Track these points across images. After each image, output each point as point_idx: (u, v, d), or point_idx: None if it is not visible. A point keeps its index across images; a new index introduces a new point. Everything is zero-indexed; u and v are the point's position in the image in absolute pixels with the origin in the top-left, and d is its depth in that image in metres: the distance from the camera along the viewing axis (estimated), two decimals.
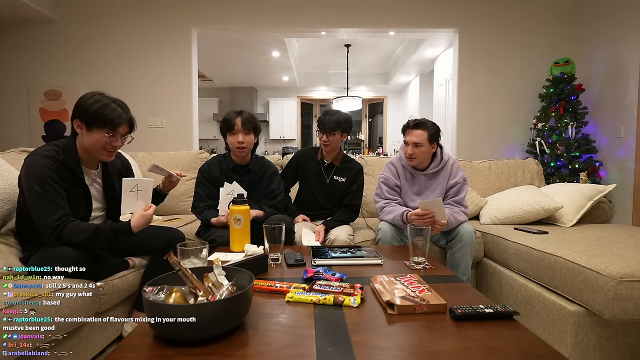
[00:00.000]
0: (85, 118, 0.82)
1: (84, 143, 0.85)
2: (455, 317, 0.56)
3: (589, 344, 0.84)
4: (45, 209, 0.77)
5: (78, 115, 0.82)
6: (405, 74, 4.53)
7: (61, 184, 0.80)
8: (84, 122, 0.82)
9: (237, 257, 0.89)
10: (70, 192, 0.84)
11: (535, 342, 0.50)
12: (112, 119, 0.82)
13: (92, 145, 0.84)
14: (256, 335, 0.52)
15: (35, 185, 0.77)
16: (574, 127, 2.18)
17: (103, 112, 0.81)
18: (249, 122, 1.15)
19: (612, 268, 0.79)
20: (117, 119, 0.83)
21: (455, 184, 1.22)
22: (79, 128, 0.83)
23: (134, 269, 1.00)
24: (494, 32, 2.51)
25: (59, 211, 0.78)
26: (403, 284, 0.66)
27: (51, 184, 0.78)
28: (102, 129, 0.82)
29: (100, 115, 0.81)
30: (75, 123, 0.83)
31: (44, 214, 0.77)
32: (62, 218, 0.78)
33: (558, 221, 1.36)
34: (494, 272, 1.23)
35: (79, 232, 0.78)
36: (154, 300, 0.51)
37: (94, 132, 0.82)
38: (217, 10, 2.50)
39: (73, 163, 0.84)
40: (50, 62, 2.51)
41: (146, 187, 0.93)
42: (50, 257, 0.74)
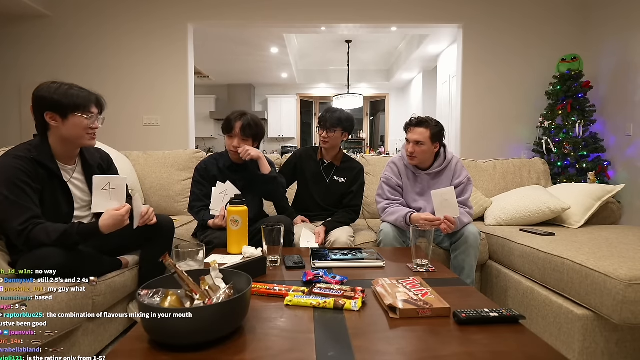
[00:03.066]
0: (57, 107, 0.79)
1: (63, 133, 0.82)
2: (460, 322, 0.55)
3: (597, 349, 0.82)
4: (12, 213, 0.74)
5: (47, 107, 0.79)
6: (407, 71, 4.48)
7: (32, 186, 0.77)
8: (57, 112, 0.80)
9: (235, 259, 0.88)
10: (47, 190, 0.82)
11: (542, 347, 0.49)
12: (82, 99, 0.81)
13: (73, 133, 0.82)
14: (254, 339, 0.51)
15: (3, 189, 0.75)
16: (581, 126, 2.14)
17: (72, 96, 0.80)
18: (249, 128, 1.12)
19: (621, 271, 0.77)
20: (87, 98, 0.82)
21: (460, 183, 1.20)
22: (52, 120, 0.80)
23: (128, 268, 0.97)
24: (499, 28, 2.46)
25: (26, 214, 0.75)
26: (405, 287, 0.65)
27: (20, 186, 0.75)
28: (77, 112, 0.80)
29: (71, 100, 0.80)
30: (47, 116, 0.80)
31: (10, 218, 0.74)
32: (28, 221, 0.75)
33: (565, 222, 1.34)
34: (499, 275, 1.21)
35: (46, 235, 0.75)
36: (149, 303, 0.50)
37: (71, 118, 0.80)
38: (214, 5, 2.46)
39: (47, 160, 0.81)
40: (42, 58, 2.46)
41: (119, 185, 0.88)
42: (36, 258, 0.73)
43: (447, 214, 1.05)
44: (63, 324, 0.72)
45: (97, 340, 0.90)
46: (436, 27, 2.73)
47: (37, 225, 0.76)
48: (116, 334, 0.98)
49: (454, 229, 1.07)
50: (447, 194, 1.05)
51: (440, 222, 1.05)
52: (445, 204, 1.05)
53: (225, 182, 1.12)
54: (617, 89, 2.15)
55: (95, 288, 0.84)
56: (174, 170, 1.64)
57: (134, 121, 2.44)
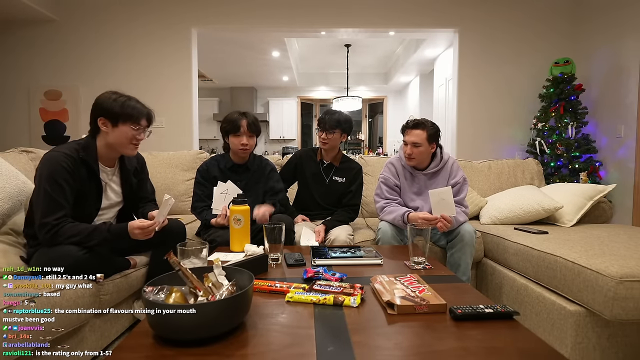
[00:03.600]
0: (111, 115, 0.86)
1: (109, 140, 0.88)
2: (455, 317, 0.56)
3: (589, 344, 0.84)
4: (49, 207, 0.79)
5: (102, 113, 0.87)
6: (405, 74, 4.53)
7: (71, 184, 0.83)
8: (109, 119, 0.86)
9: (237, 257, 0.89)
10: (84, 189, 0.86)
11: (535, 342, 0.50)
12: (136, 113, 0.88)
13: (119, 140, 0.88)
14: (256, 335, 0.52)
15: (44, 182, 0.80)
16: (574, 127, 2.18)
17: (126, 107, 0.87)
18: (254, 125, 1.17)
19: (612, 268, 0.79)
20: (140, 112, 0.89)
21: (456, 183, 1.22)
22: (104, 126, 0.87)
23: (136, 269, 1.00)
24: (494, 32, 2.51)
25: (61, 211, 0.80)
26: (403, 284, 0.66)
27: (60, 184, 0.80)
28: (127, 122, 0.87)
29: (124, 111, 0.86)
30: (100, 121, 0.87)
31: (47, 212, 0.79)
32: (61, 218, 0.80)
33: (558, 221, 1.36)
34: (494, 272, 1.23)
35: (75, 233, 0.80)
36: (154, 300, 0.51)
37: (120, 127, 0.87)
38: (217, 10, 2.49)
39: (92, 160, 0.88)
40: (50, 62, 2.50)
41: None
42: (53, 255, 0.75)
43: (444, 212, 1.07)
44: (71, 321, 0.73)
45: (104, 335, 0.91)
46: (433, 32, 2.78)
47: (68, 222, 0.80)
48: (122, 330, 0.99)
49: (450, 227, 1.09)
50: (444, 193, 1.07)
51: (437, 220, 1.07)
52: (442, 203, 1.07)
53: (227, 181, 1.13)
54: (609, 92, 2.19)
55: (102, 287, 0.86)
56: (178, 170, 1.66)
57: None
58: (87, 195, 0.87)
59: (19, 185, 0.95)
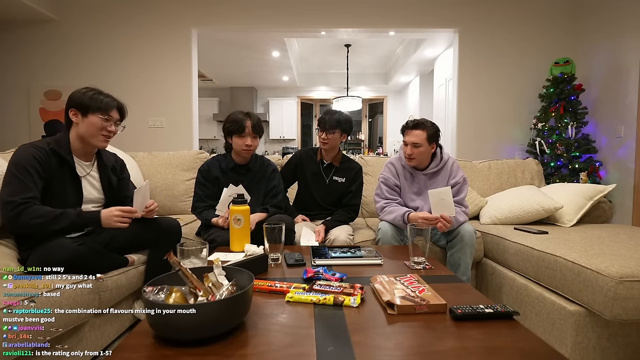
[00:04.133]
0: (81, 105, 0.89)
1: (80, 130, 0.90)
2: (455, 317, 0.56)
3: (589, 344, 0.84)
4: (15, 187, 0.79)
5: (73, 104, 0.89)
6: (405, 74, 4.53)
7: (40, 173, 0.83)
8: (79, 109, 0.89)
9: (237, 257, 0.89)
10: (56, 179, 0.86)
11: (535, 342, 0.50)
12: (105, 103, 0.91)
13: (89, 131, 0.89)
14: (256, 335, 0.52)
15: (12, 169, 0.81)
16: (574, 127, 2.18)
17: (96, 98, 0.90)
18: (258, 126, 1.18)
19: (612, 268, 0.79)
20: (110, 103, 0.92)
21: (455, 183, 1.22)
22: (74, 116, 0.89)
23: (133, 266, 0.99)
24: (493, 33, 2.51)
25: (29, 192, 0.80)
26: (403, 284, 0.66)
27: (28, 170, 0.81)
28: (96, 112, 0.89)
29: (94, 101, 0.89)
30: (71, 112, 0.89)
31: (13, 191, 0.78)
32: (29, 199, 0.79)
33: (558, 221, 1.36)
34: (494, 272, 1.23)
35: (41, 214, 0.79)
36: (154, 300, 0.51)
37: (90, 117, 0.89)
38: (217, 10, 2.49)
39: (64, 151, 0.88)
40: (50, 62, 2.50)
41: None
42: (47, 250, 0.75)
43: (444, 212, 1.07)
44: (70, 320, 0.73)
45: (104, 335, 0.91)
46: (433, 32, 2.78)
47: (35, 204, 0.80)
48: (122, 330, 0.99)
49: (449, 227, 1.09)
50: (444, 193, 1.07)
51: (437, 220, 1.07)
52: (442, 203, 1.07)
53: (238, 185, 1.12)
54: (609, 92, 2.19)
55: (101, 284, 0.86)
56: (178, 170, 1.66)
57: (139, 123, 2.46)
58: (63, 187, 0.87)
59: None
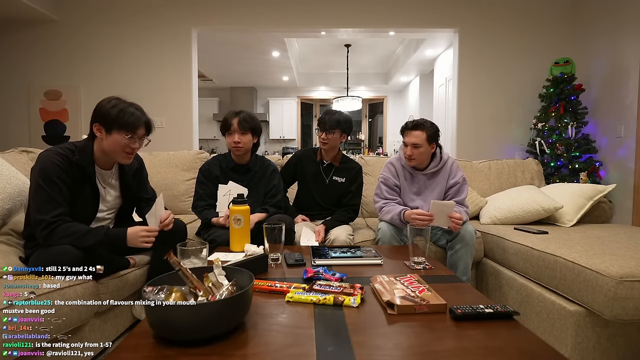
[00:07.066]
0: (105, 122, 0.85)
1: (104, 146, 0.87)
2: (455, 317, 0.56)
3: (589, 344, 0.84)
4: (46, 204, 0.79)
5: (97, 119, 0.86)
6: (405, 74, 4.53)
7: (67, 183, 0.82)
8: (103, 126, 0.85)
9: (237, 257, 0.89)
10: (77, 191, 0.86)
11: (535, 342, 0.50)
12: (131, 122, 0.86)
13: (112, 148, 0.87)
14: (256, 335, 0.52)
15: (40, 180, 0.79)
16: (574, 127, 2.18)
17: (122, 115, 0.85)
18: (245, 122, 1.16)
19: (612, 268, 0.79)
20: (136, 121, 0.87)
21: (455, 183, 1.22)
22: (98, 132, 0.86)
23: (135, 268, 1.00)
24: (494, 33, 2.51)
25: (59, 209, 0.80)
26: (403, 284, 0.66)
27: (55, 182, 0.80)
28: (121, 131, 0.85)
29: (119, 119, 0.85)
30: (95, 127, 0.86)
31: (43, 209, 0.78)
32: (59, 216, 0.79)
33: (558, 221, 1.36)
34: (493, 272, 1.23)
35: (71, 233, 0.79)
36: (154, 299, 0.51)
37: (114, 135, 0.85)
38: (217, 11, 2.50)
39: (87, 163, 0.87)
40: (50, 62, 2.51)
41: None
42: (50, 255, 0.75)
43: (439, 223, 1.09)
44: (71, 316, 0.73)
45: (104, 335, 0.91)
46: (433, 32, 2.78)
47: (66, 222, 0.79)
48: (122, 330, 0.99)
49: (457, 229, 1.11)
50: (446, 206, 1.08)
51: (431, 218, 1.07)
52: (440, 214, 1.08)
53: (228, 182, 1.13)
54: (609, 92, 2.19)
55: (102, 286, 0.86)
56: (179, 170, 1.66)
57: None
58: (82, 197, 0.87)
59: (19, 185, 0.95)
